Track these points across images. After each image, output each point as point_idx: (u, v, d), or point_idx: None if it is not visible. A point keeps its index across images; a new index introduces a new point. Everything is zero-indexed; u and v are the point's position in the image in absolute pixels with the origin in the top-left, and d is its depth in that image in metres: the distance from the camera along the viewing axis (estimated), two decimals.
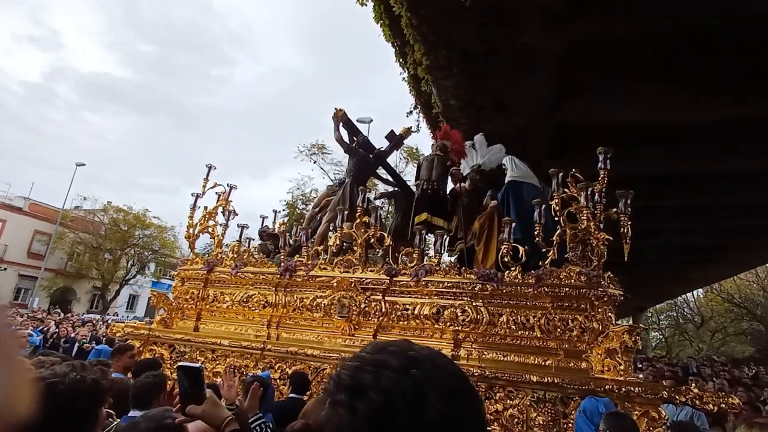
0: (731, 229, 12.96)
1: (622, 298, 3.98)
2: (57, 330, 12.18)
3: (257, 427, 1.98)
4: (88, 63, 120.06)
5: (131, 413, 2.67)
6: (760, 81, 6.55)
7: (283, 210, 23.25)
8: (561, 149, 8.07)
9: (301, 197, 24.84)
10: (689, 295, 30.96)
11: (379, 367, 0.68)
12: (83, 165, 27.32)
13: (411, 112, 10.93)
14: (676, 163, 8.70)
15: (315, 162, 24.25)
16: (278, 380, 4.36)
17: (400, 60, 8.38)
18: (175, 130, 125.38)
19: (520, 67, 6.42)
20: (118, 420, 2.43)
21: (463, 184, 5.70)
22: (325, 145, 24.36)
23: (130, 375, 4.03)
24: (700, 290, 30.90)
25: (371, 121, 22.26)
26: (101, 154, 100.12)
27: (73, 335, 11.57)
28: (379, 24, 7.71)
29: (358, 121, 22.04)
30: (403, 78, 9.14)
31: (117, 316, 25.63)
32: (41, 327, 12.47)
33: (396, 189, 6.72)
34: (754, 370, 13.69)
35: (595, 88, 7.20)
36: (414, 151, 21.64)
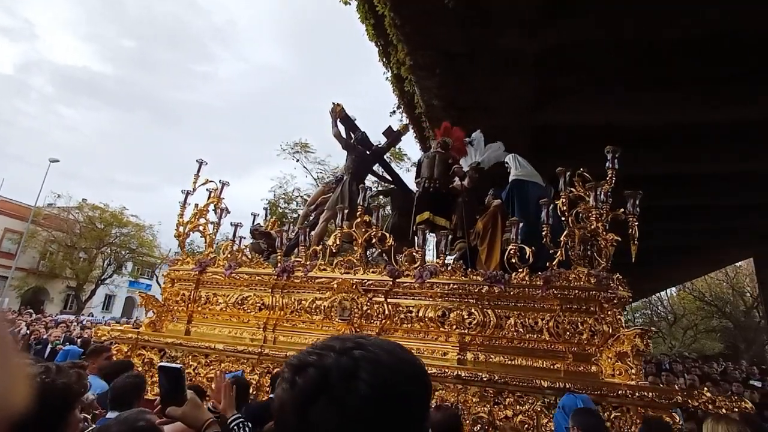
0: (710, 230, 13.38)
1: (631, 300, 3.93)
2: (28, 331, 11.65)
3: (235, 427, 1.89)
4: (65, 55, 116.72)
5: (109, 415, 2.60)
6: (728, 85, 6.74)
7: (266, 208, 22.87)
8: (542, 150, 8.11)
9: (283, 196, 24.53)
10: (662, 293, 31.79)
11: (324, 350, 0.73)
12: (57, 161, 26.38)
13: (394, 111, 10.85)
14: (650, 164, 8.83)
15: (298, 160, 23.99)
16: None
17: (384, 60, 8.33)
18: (156, 126, 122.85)
19: (502, 69, 6.46)
20: (94, 425, 2.40)
21: (461, 182, 5.60)
22: (308, 143, 24.16)
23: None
24: (673, 289, 31.80)
25: (354, 119, 21.97)
26: (78, 149, 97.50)
27: (45, 336, 11.09)
28: (364, 23, 7.67)
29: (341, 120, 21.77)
30: (387, 78, 9.08)
31: (92, 316, 24.82)
32: (11, 328, 11.90)
33: (392, 187, 6.57)
34: (723, 366, 14.02)
35: (576, 90, 7.27)
36: (397, 151, 21.50)
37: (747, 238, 14.71)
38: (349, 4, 7.45)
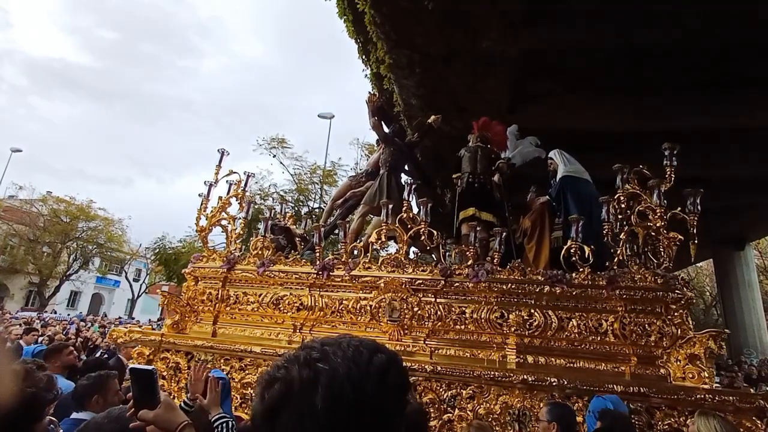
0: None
1: (693, 302, 3.84)
2: None
3: (218, 426, 1.85)
4: (42, 46, 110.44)
5: (73, 415, 2.60)
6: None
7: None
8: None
9: (259, 192, 23.98)
10: None
11: (290, 363, 0.76)
12: (19, 151, 25.08)
13: None
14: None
15: (275, 156, 23.46)
16: None
17: (363, 57, 8.25)
18: (133, 120, 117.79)
19: (479, 71, 6.46)
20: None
21: (493, 178, 5.42)
22: (285, 139, 23.74)
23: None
24: None
25: (333, 116, 21.78)
26: (48, 141, 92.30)
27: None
28: (343, 20, 7.57)
29: (319, 116, 21.57)
30: (366, 75, 8.96)
31: (56, 313, 23.61)
32: None
33: (418, 182, 6.33)
34: None
35: (549, 95, 7.34)
36: (375, 148, 21.23)
37: (708, 240, 15.38)
38: None
